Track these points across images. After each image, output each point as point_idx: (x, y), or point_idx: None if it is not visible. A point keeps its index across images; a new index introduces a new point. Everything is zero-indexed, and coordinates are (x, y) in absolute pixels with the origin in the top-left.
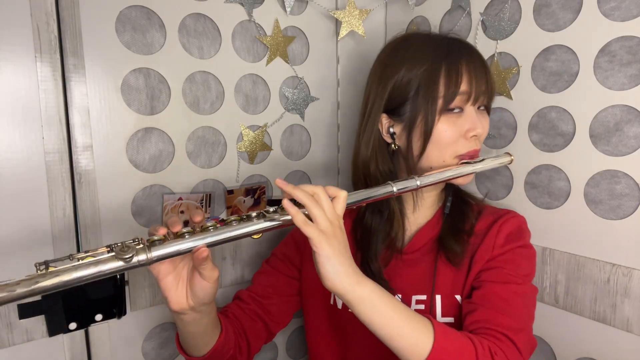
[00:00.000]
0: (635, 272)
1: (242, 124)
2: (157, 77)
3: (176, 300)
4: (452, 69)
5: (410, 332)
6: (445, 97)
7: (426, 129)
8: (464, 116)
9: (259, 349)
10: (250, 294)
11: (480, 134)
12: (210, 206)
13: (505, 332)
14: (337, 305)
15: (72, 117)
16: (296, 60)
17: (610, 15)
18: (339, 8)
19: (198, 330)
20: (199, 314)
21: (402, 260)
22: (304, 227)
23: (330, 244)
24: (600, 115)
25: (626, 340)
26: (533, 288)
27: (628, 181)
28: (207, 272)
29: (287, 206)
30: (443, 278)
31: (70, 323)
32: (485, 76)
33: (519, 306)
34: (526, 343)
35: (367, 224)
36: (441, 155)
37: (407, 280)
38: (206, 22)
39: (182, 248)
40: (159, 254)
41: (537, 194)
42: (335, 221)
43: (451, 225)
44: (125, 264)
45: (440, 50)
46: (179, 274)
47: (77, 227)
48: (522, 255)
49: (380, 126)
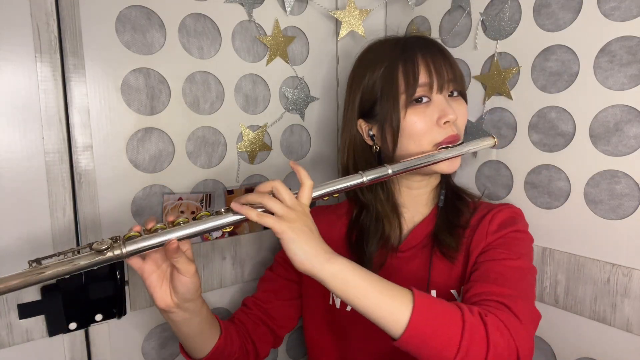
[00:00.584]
0: (635, 272)
1: (242, 124)
2: (157, 77)
3: (161, 297)
4: (408, 64)
5: (388, 302)
6: (407, 91)
7: (394, 124)
8: (433, 105)
9: (267, 353)
10: (254, 300)
11: (453, 119)
12: (210, 206)
13: (500, 299)
14: (335, 305)
15: (72, 117)
16: (296, 60)
17: (610, 15)
18: (339, 8)
19: (192, 331)
20: (187, 312)
21: (399, 258)
22: (260, 220)
23: (292, 227)
24: (600, 115)
25: (626, 340)
26: (531, 265)
27: (628, 181)
28: (181, 265)
29: (237, 208)
30: (438, 273)
31: (70, 323)
32: (445, 64)
33: (515, 277)
34: (524, 309)
35: (361, 227)
36: (418, 146)
37: (403, 277)
38: (206, 22)
39: (153, 242)
40: (132, 248)
41: (537, 194)
42: (296, 207)
43: (445, 220)
44: (102, 257)
45: (396, 49)
46: (162, 273)
47: (77, 227)
48: (515, 237)
49: (361, 130)
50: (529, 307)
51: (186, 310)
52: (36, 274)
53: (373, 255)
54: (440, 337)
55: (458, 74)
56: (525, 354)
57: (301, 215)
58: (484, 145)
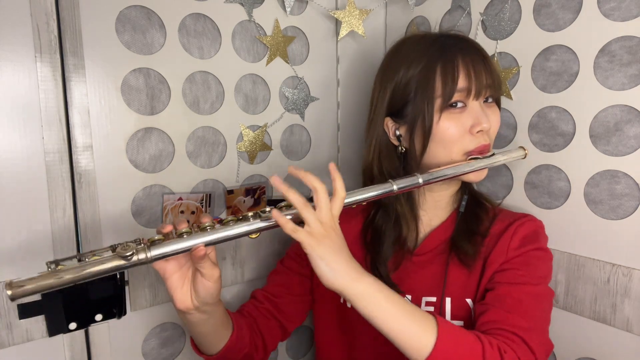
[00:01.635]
0: (635, 272)
1: (242, 124)
2: (157, 77)
3: (181, 299)
4: (448, 66)
5: (412, 327)
6: (444, 95)
7: (426, 128)
8: (468, 111)
9: (275, 346)
10: (265, 293)
11: (487, 129)
12: (210, 206)
13: (516, 331)
14: (346, 304)
15: (72, 117)
16: (296, 60)
17: (610, 15)
18: (339, 8)
19: (207, 330)
20: (204, 314)
21: (414, 262)
22: (293, 234)
23: (321, 244)
24: (600, 115)
25: (626, 340)
26: (549, 290)
27: (628, 181)
28: (207, 270)
29: (276, 216)
30: (454, 280)
31: (70, 323)
32: (485, 69)
33: (532, 307)
34: (539, 343)
35: (377, 226)
36: (448, 153)
37: (418, 282)
38: (206, 22)
39: (179, 247)
40: (157, 252)
41: (537, 194)
42: (327, 222)
43: (465, 227)
44: (127, 262)
45: (435, 48)
46: (184, 274)
47: (77, 227)
48: (537, 257)
49: (387, 129)
50: (542, 339)
51: (204, 313)
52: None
53: (388, 256)
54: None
55: (496, 80)
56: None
57: (331, 231)
58: (515, 157)
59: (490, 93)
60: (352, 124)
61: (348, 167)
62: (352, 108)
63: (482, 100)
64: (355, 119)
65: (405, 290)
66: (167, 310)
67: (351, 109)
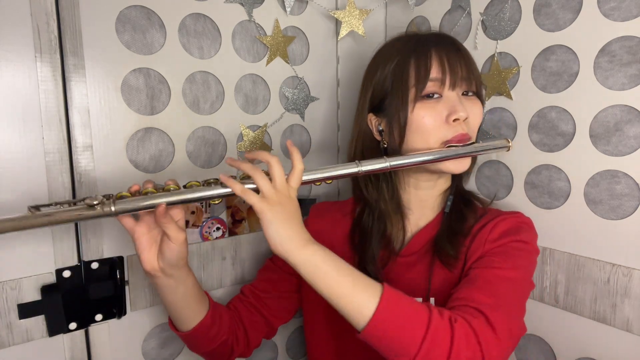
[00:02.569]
0: (635, 272)
1: (242, 124)
2: (157, 77)
3: (147, 259)
4: (421, 58)
5: (354, 293)
6: (417, 85)
7: (401, 118)
8: (443, 101)
9: (258, 342)
10: (252, 289)
11: (463, 117)
12: (210, 206)
13: (478, 306)
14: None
15: (72, 117)
16: (296, 60)
17: (610, 15)
18: (339, 8)
19: (177, 300)
20: (171, 279)
21: (400, 263)
22: (244, 195)
23: (273, 210)
24: (600, 115)
25: (626, 340)
26: (525, 278)
27: (628, 181)
28: (172, 232)
29: (224, 179)
30: (438, 280)
31: (70, 323)
32: (460, 61)
33: (503, 288)
34: (503, 321)
35: (363, 226)
36: (425, 142)
37: (404, 283)
38: (206, 22)
39: (142, 204)
40: (121, 207)
41: (537, 194)
42: (282, 190)
43: (448, 227)
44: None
45: (410, 44)
46: (152, 237)
47: (77, 227)
48: (516, 248)
49: (371, 125)
50: (510, 320)
51: (171, 277)
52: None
53: (376, 256)
54: (402, 335)
55: (474, 73)
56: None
57: (285, 199)
58: (496, 147)
59: (467, 86)
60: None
61: None
62: (352, 108)
63: (461, 93)
64: None
65: None
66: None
67: (351, 109)
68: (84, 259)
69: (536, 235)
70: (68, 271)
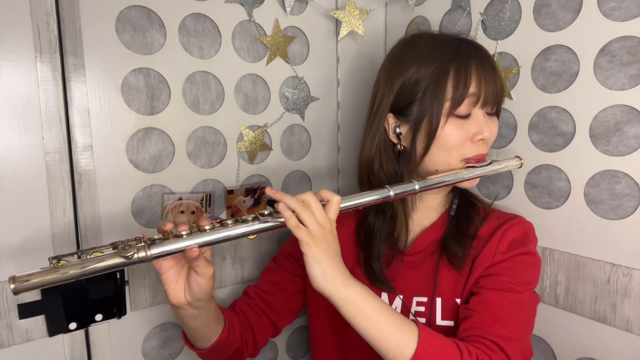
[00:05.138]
0: (635, 272)
1: (242, 124)
2: (157, 77)
3: (175, 294)
4: (462, 70)
5: (394, 335)
6: (454, 99)
7: (431, 131)
8: (472, 119)
9: (265, 342)
10: (256, 290)
11: (488, 138)
12: (210, 206)
13: (496, 340)
14: None
15: (72, 117)
16: (296, 60)
17: (610, 15)
18: (339, 8)
19: (199, 325)
20: (197, 309)
21: (405, 262)
22: (295, 230)
23: (318, 246)
24: (600, 115)
25: (626, 340)
26: (534, 296)
27: (628, 181)
28: (201, 269)
29: (282, 209)
30: (444, 281)
31: (70, 323)
32: (495, 80)
33: (514, 314)
34: (519, 353)
35: (370, 224)
36: (447, 158)
37: (409, 282)
38: (206, 22)
39: (177, 247)
40: (156, 251)
41: (537, 194)
42: (326, 225)
43: (455, 228)
44: (127, 261)
45: (449, 50)
46: (179, 270)
47: (77, 227)
48: (524, 262)
49: (387, 126)
50: (523, 347)
51: (197, 308)
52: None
53: (380, 252)
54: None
55: (501, 92)
56: None
57: (329, 235)
58: (510, 167)
59: (495, 104)
60: (352, 124)
61: (348, 168)
62: (352, 108)
63: (486, 111)
64: (355, 119)
65: (397, 288)
66: (167, 310)
67: (351, 109)
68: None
69: (537, 240)
70: None
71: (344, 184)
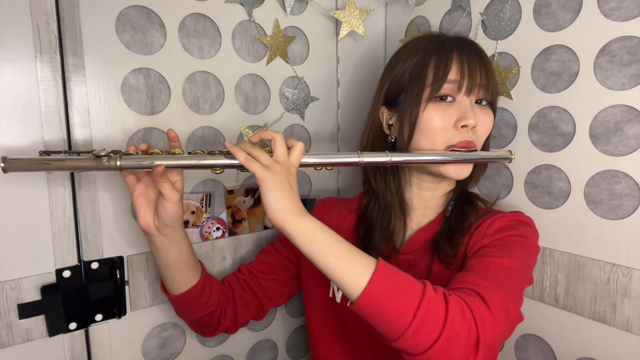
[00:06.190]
0: (635, 272)
1: (242, 124)
2: (157, 77)
3: (143, 217)
4: (442, 58)
5: (351, 263)
6: (433, 85)
7: (412, 116)
8: (456, 105)
9: (247, 320)
10: (248, 267)
11: (472, 125)
12: (210, 206)
13: (473, 287)
14: (335, 299)
15: (72, 117)
16: (296, 60)
17: (610, 15)
18: (339, 8)
19: (170, 262)
20: (165, 238)
21: (400, 261)
22: (247, 163)
23: (273, 178)
24: (600, 115)
25: (626, 340)
26: (524, 268)
27: (628, 181)
28: (166, 191)
29: (230, 147)
30: (438, 278)
31: (70, 323)
32: (481, 68)
33: (499, 274)
34: (498, 301)
35: (369, 217)
36: (430, 144)
37: None
38: (206, 22)
39: (145, 163)
40: (126, 163)
41: (537, 194)
42: (284, 163)
43: (448, 227)
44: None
45: (434, 43)
46: (150, 197)
47: (77, 227)
48: (514, 241)
49: (382, 118)
50: (506, 302)
51: (165, 236)
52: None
53: (379, 248)
54: (396, 305)
55: (492, 83)
56: (487, 342)
57: (285, 171)
58: (498, 157)
59: (484, 94)
60: (352, 124)
61: (348, 167)
62: (352, 108)
63: (475, 100)
64: (355, 119)
65: None
66: (167, 310)
67: (351, 109)
68: (84, 259)
69: (536, 233)
70: (68, 271)
71: (343, 184)
